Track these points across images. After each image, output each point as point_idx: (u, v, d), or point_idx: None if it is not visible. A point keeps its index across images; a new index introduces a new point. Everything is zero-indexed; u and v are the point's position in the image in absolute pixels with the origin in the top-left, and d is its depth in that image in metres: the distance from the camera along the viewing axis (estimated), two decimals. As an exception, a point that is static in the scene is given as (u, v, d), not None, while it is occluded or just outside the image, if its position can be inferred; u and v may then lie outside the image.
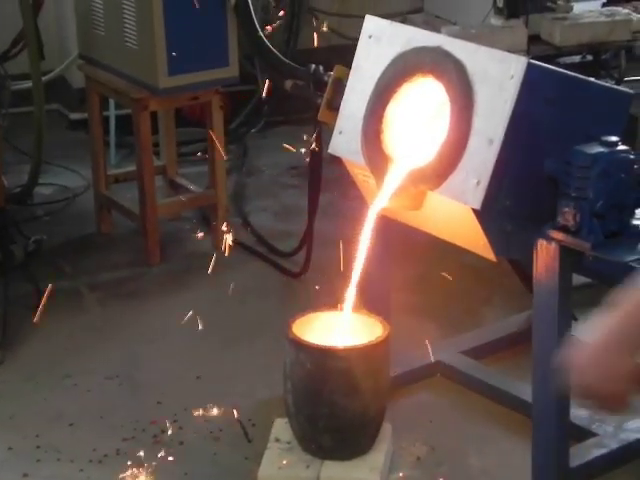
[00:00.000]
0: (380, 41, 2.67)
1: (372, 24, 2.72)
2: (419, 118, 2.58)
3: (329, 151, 2.80)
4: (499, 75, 2.39)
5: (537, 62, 2.43)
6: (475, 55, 2.46)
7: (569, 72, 2.55)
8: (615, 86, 2.72)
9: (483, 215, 2.40)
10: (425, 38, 2.59)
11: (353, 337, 2.68)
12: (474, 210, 2.40)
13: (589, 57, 4.24)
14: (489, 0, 4.15)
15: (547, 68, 2.47)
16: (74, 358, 3.16)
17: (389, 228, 2.77)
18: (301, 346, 2.59)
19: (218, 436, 2.79)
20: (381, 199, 2.57)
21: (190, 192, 3.98)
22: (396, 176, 2.55)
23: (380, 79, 2.62)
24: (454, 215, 2.49)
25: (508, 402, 2.87)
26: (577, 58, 4.21)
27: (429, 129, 2.55)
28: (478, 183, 2.38)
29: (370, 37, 2.70)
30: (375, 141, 2.62)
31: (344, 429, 2.57)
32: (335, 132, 2.77)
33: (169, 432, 2.78)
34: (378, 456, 2.60)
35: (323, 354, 2.57)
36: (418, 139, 2.57)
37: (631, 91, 2.66)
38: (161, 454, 2.69)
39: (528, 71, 2.35)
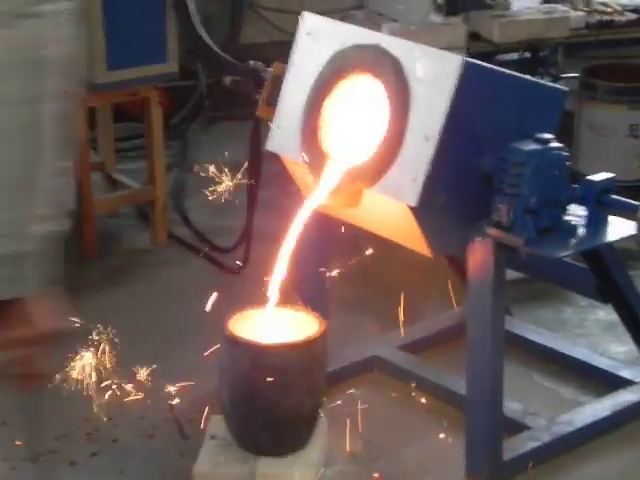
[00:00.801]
0: (318, 38, 2.68)
1: (310, 21, 2.73)
2: (357, 115, 2.60)
3: (267, 148, 2.80)
4: (436, 73, 2.42)
5: (473, 60, 2.46)
6: (412, 53, 2.48)
7: (505, 70, 2.59)
8: (550, 84, 2.75)
9: (419, 212, 2.43)
10: (363, 36, 2.61)
11: (290, 333, 2.67)
12: (410, 207, 2.42)
13: (527, 54, 4.30)
14: (429, -3, 4.19)
15: (483, 66, 2.50)
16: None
17: (326, 223, 2.78)
18: (236, 343, 2.58)
19: (153, 433, 2.78)
20: (318, 196, 2.58)
21: (128, 188, 3.97)
22: (333, 173, 2.56)
23: (318, 76, 2.64)
24: (391, 212, 2.52)
25: (444, 396, 2.90)
26: (515, 55, 4.27)
27: (366, 126, 2.57)
28: (414, 180, 2.41)
29: (308, 34, 2.71)
30: (313, 138, 2.63)
31: (279, 426, 2.57)
32: (272, 129, 2.78)
33: (103, 429, 2.75)
34: (314, 452, 2.60)
35: (258, 351, 2.57)
36: (355, 136, 2.59)
37: (566, 88, 2.71)
38: (95, 452, 2.67)
39: (464, 69, 2.38)
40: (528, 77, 2.67)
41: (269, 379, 2.50)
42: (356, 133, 2.59)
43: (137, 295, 3.46)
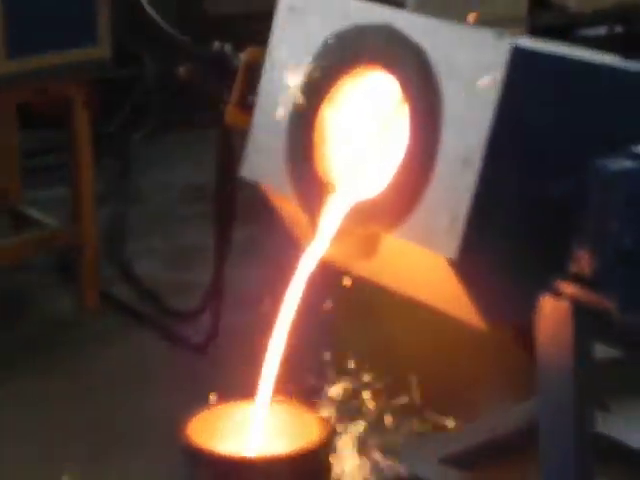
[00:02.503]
0: (306, 15, 2.69)
1: None
2: (366, 127, 2.60)
3: (241, 174, 2.81)
4: (473, 66, 2.39)
5: (527, 44, 2.42)
6: (437, 37, 2.47)
7: (577, 54, 2.55)
8: None
9: (462, 267, 2.40)
10: (369, 12, 2.59)
11: (278, 442, 2.66)
12: (449, 260, 2.41)
13: (618, 28, 4.32)
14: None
15: (542, 52, 2.46)
16: None
17: (331, 280, 2.77)
18: (201, 456, 2.57)
19: None
20: (317, 245, 2.57)
21: (43, 227, 3.99)
22: (337, 212, 2.56)
23: (308, 70, 2.63)
24: (422, 266, 2.50)
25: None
26: (602, 30, 4.29)
27: (381, 144, 2.57)
28: (453, 221, 2.38)
29: (291, 10, 2.72)
30: (305, 161, 2.62)
31: None
32: (248, 146, 2.78)
33: None
34: None
35: (232, 468, 2.56)
36: (366, 159, 2.59)
37: None
38: None
39: (515, 60, 2.35)
40: (616, 62, 2.61)
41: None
42: (367, 154, 2.60)
43: (55, 387, 3.46)
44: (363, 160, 2.59)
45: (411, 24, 2.51)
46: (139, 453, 3.21)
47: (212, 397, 2.80)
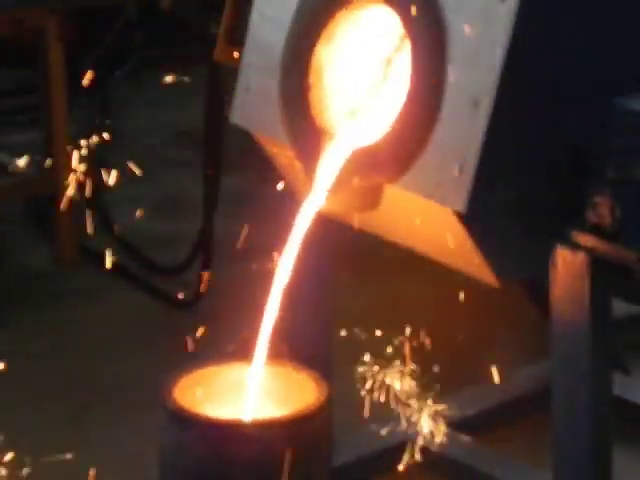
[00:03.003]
0: None
1: None
2: (365, 68, 2.62)
3: (232, 120, 2.83)
4: None
5: None
6: None
7: None
8: None
9: (472, 220, 2.44)
10: None
11: (271, 404, 2.72)
12: (457, 213, 2.44)
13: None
14: None
15: None
16: None
17: (332, 234, 2.82)
18: (188, 421, 2.61)
19: None
20: (315, 197, 2.61)
21: (14, 174, 4.01)
22: (335, 161, 2.59)
23: (302, 3, 2.65)
24: (428, 219, 2.54)
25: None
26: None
27: (381, 85, 2.59)
28: (461, 170, 2.42)
29: None
30: (300, 105, 2.64)
31: None
32: (238, 89, 2.81)
33: None
34: None
35: (223, 433, 2.60)
36: (365, 101, 2.61)
37: None
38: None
39: None
40: None
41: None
42: (366, 97, 2.61)
43: (29, 344, 3.50)
44: (362, 104, 2.62)
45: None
46: (121, 415, 3.25)
47: (199, 356, 2.84)
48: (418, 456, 2.91)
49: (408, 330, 3.01)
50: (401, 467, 2.92)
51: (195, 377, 2.74)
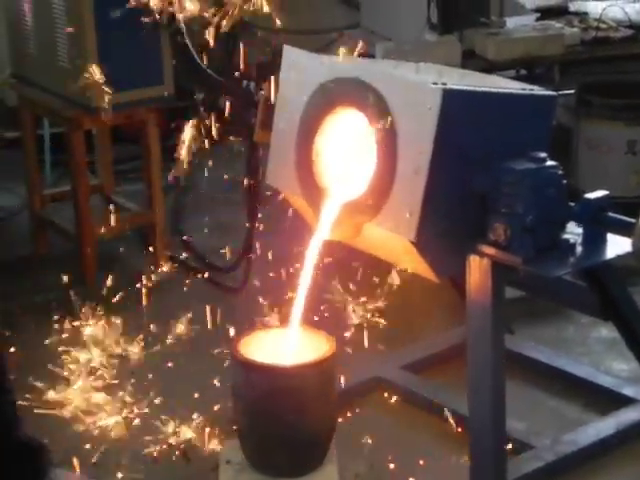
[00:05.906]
0: (301, 71, 2.69)
1: (292, 54, 2.73)
2: (348, 149, 2.60)
3: (267, 182, 2.83)
4: (417, 106, 2.39)
5: (453, 87, 2.40)
6: (392, 85, 2.45)
7: (489, 88, 2.54)
8: (537, 91, 2.63)
9: (419, 244, 2.44)
10: (344, 68, 2.59)
11: (300, 354, 2.68)
12: (410, 241, 2.44)
13: (523, 71, 4.31)
14: (424, 16, 4.21)
15: (464, 91, 2.44)
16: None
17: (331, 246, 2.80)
18: (251, 367, 2.59)
19: (157, 458, 2.79)
20: (321, 232, 2.61)
21: (128, 211, 3.99)
22: (332, 208, 2.59)
23: (305, 110, 2.65)
24: (393, 242, 2.53)
25: (448, 417, 2.89)
26: (511, 72, 4.28)
27: (359, 160, 2.56)
28: (410, 214, 2.40)
29: (291, 67, 2.72)
30: (308, 173, 2.64)
31: (297, 447, 2.58)
32: (269, 163, 2.80)
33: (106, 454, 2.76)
34: (330, 471, 2.62)
35: (275, 374, 2.58)
36: (349, 170, 2.59)
37: (554, 93, 2.62)
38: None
39: (445, 100, 2.34)
40: (512, 90, 2.58)
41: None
42: (349, 166, 2.59)
43: (138, 318, 3.40)
44: (347, 172, 2.62)
45: (373, 76, 2.51)
46: (196, 362, 3.19)
47: (250, 324, 2.81)
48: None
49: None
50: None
51: (251, 337, 2.74)
